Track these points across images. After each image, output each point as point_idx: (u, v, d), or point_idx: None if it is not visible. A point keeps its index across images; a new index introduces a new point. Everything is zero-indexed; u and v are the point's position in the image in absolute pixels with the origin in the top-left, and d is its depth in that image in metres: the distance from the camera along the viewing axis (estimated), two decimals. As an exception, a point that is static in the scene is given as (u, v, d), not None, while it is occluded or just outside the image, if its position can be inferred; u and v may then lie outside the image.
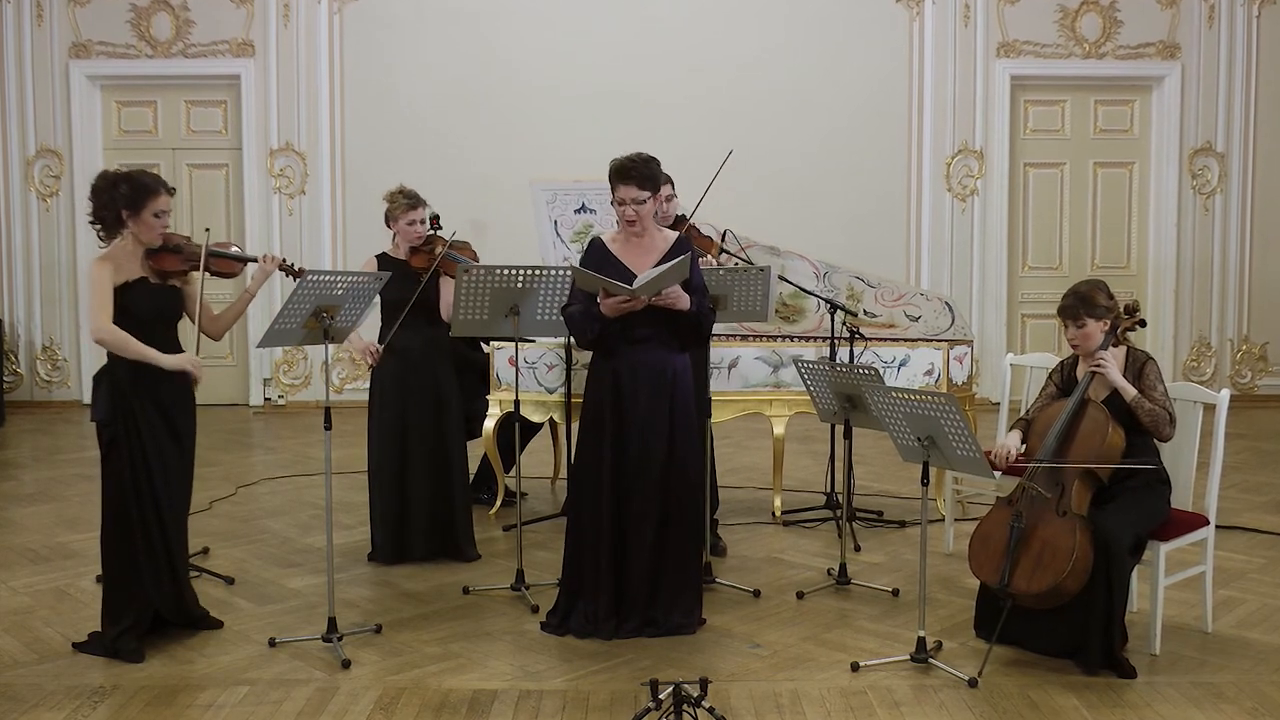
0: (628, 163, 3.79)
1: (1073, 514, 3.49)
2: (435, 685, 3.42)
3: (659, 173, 3.86)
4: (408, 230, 4.68)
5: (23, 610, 4.13)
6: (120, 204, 3.62)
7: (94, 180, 3.71)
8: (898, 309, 5.64)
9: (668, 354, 3.81)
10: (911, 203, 8.90)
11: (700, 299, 3.84)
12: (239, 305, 3.91)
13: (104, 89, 8.87)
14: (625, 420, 3.77)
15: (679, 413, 3.81)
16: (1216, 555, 3.99)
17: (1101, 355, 3.63)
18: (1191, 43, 8.87)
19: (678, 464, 3.81)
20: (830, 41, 8.79)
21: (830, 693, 3.36)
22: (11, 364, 8.89)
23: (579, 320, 3.80)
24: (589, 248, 3.93)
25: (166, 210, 3.67)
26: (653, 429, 3.77)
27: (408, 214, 4.67)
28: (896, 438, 3.62)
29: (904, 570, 4.56)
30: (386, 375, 4.66)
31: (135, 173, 3.70)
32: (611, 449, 3.77)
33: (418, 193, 4.76)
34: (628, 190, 3.78)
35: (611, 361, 3.81)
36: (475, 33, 8.73)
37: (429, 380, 4.66)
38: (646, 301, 3.69)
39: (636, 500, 3.77)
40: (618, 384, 3.78)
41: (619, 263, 3.83)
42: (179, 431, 3.72)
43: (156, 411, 3.65)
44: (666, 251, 3.85)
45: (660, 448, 3.78)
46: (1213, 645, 3.74)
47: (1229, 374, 9.08)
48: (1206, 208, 9.02)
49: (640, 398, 3.77)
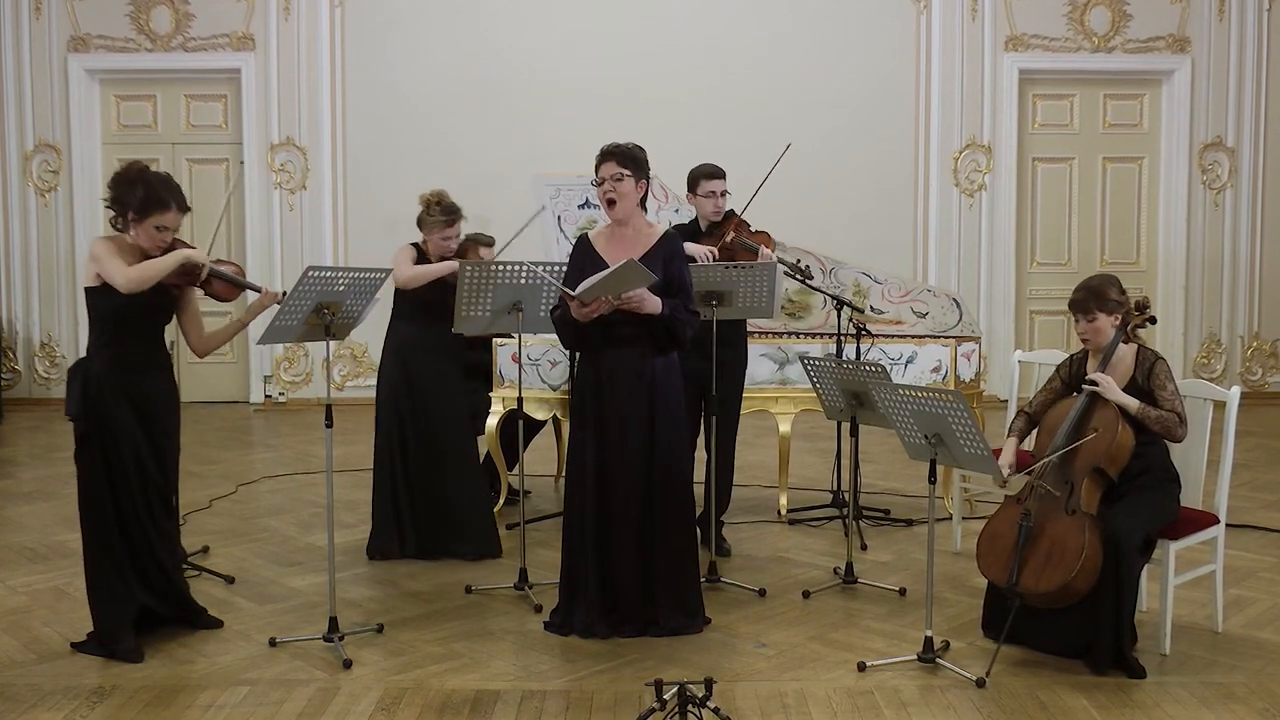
0: (610, 145, 3.78)
1: (1082, 512, 3.47)
2: (437, 685, 3.40)
3: (641, 156, 3.79)
4: (441, 245, 4.68)
5: (20, 610, 4.11)
6: (130, 205, 3.58)
7: (122, 168, 3.64)
8: (905, 305, 5.62)
9: (646, 356, 3.75)
10: (919, 198, 8.85)
11: (683, 300, 3.76)
12: (230, 330, 3.85)
13: (103, 83, 8.84)
14: (605, 422, 3.75)
15: (661, 414, 3.77)
16: (1227, 554, 3.97)
17: (1098, 376, 3.59)
18: (1202, 36, 8.82)
19: (661, 465, 3.77)
20: (837, 35, 8.74)
21: (836, 693, 3.34)
22: (9, 361, 8.88)
23: (559, 324, 3.81)
24: (575, 245, 3.90)
25: (169, 226, 3.60)
26: (632, 431, 3.74)
27: (444, 230, 4.65)
28: (903, 435, 3.59)
29: (911, 569, 4.54)
30: (392, 371, 4.63)
31: (157, 181, 3.61)
32: (594, 450, 3.76)
33: (457, 207, 4.69)
34: (606, 168, 3.74)
35: (593, 363, 3.79)
36: (477, 26, 8.70)
37: (434, 376, 4.64)
38: (612, 304, 3.60)
39: (619, 502, 3.76)
40: (598, 385, 3.77)
41: (600, 259, 3.78)
42: (156, 426, 3.66)
43: (130, 407, 3.60)
44: (650, 247, 3.78)
45: (640, 449, 3.75)
46: (1223, 645, 3.72)
47: (1239, 371, 9.04)
48: (1216, 203, 8.97)
49: (619, 399, 3.74)
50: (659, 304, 3.67)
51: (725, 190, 4.74)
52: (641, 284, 3.59)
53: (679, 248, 3.84)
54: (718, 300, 4.34)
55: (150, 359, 3.67)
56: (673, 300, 3.72)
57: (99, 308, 3.59)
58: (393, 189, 8.44)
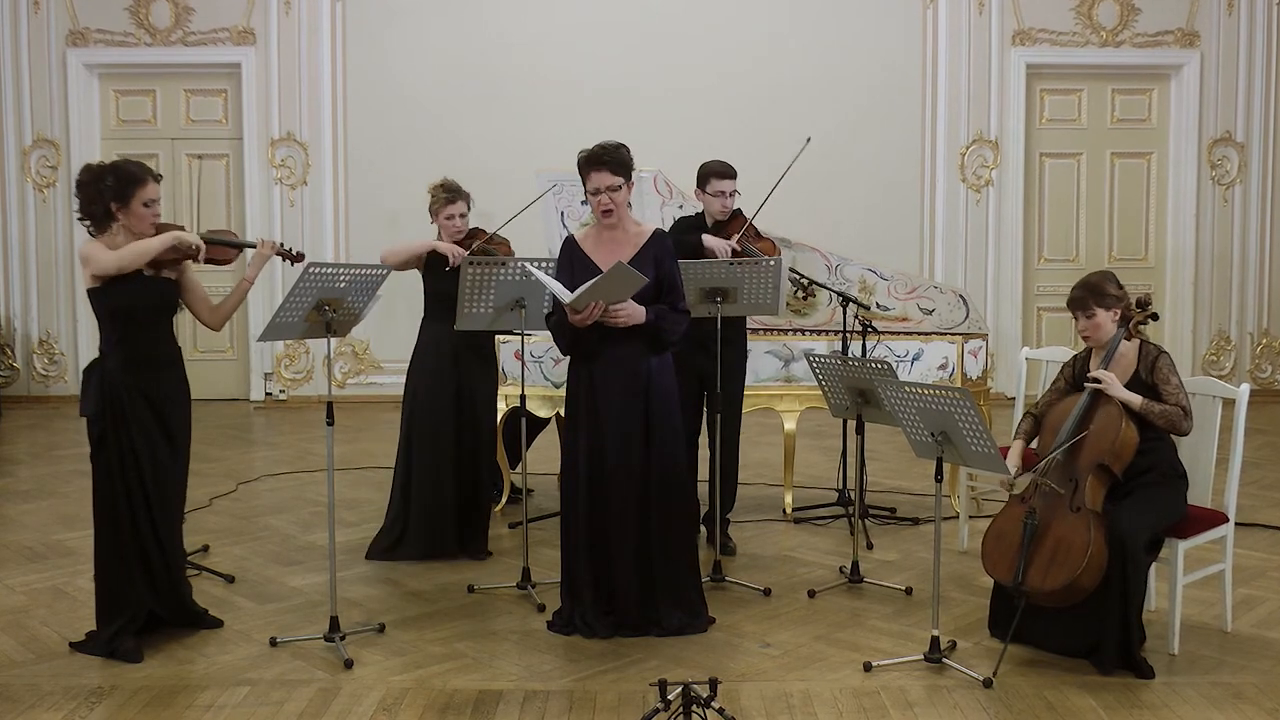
0: (597, 149, 3.70)
1: (1087, 510, 3.46)
2: (440, 685, 3.38)
3: (629, 159, 3.74)
4: (447, 225, 4.67)
5: (19, 609, 4.09)
6: (108, 197, 3.56)
7: (78, 175, 3.65)
8: (911, 302, 5.60)
9: (641, 354, 3.73)
10: (925, 194, 8.81)
11: (674, 299, 3.74)
12: (238, 293, 3.85)
13: (102, 78, 8.81)
14: (600, 420, 3.72)
15: (656, 413, 3.74)
16: (1236, 553, 3.96)
17: (1101, 373, 3.57)
18: (1211, 30, 8.76)
19: (657, 464, 3.74)
20: (843, 29, 8.70)
21: (842, 693, 3.32)
22: (8, 358, 8.85)
23: (555, 330, 3.78)
24: (561, 247, 3.85)
25: (156, 198, 3.63)
26: (627, 429, 3.71)
27: (446, 208, 4.66)
28: (910, 433, 3.57)
29: (917, 568, 4.52)
30: (420, 369, 4.64)
31: (120, 163, 3.65)
32: (587, 448, 3.74)
33: (458, 185, 4.72)
34: (600, 177, 3.68)
35: (586, 361, 3.76)
36: (479, 20, 8.67)
37: (464, 375, 4.63)
38: (602, 309, 3.58)
39: (615, 501, 3.73)
40: (592, 383, 3.74)
41: (588, 261, 3.74)
42: (171, 427, 3.67)
43: (147, 407, 3.61)
44: (641, 246, 3.74)
45: (636, 448, 3.72)
46: (1232, 645, 3.70)
47: (1249, 368, 9.00)
48: (1226, 199, 8.91)
49: (613, 397, 3.71)
50: (643, 314, 3.64)
51: (735, 190, 4.71)
52: (633, 287, 3.57)
53: (669, 246, 3.81)
54: (722, 297, 4.31)
55: (162, 353, 3.68)
56: (658, 305, 3.70)
57: (104, 307, 3.58)
58: (394, 185, 8.42)
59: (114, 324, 3.58)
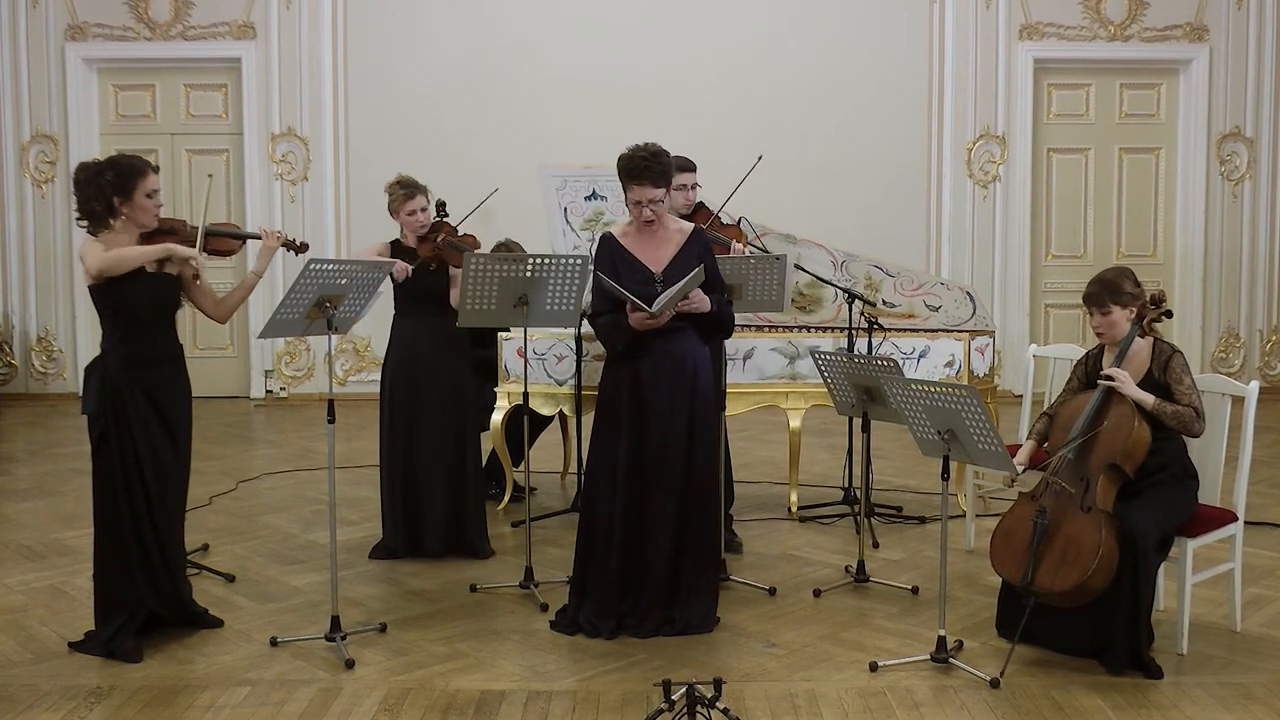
0: (640, 161, 3.67)
1: (1098, 509, 3.44)
2: (442, 686, 3.37)
3: (670, 165, 3.77)
4: (409, 221, 4.61)
5: (18, 609, 4.08)
6: (109, 191, 3.54)
7: (75, 173, 3.64)
8: (917, 299, 5.58)
9: (691, 344, 3.75)
10: (932, 189, 8.77)
11: (719, 296, 3.80)
12: (246, 286, 3.84)
13: (101, 72, 8.78)
14: (644, 414, 3.70)
15: (700, 407, 3.75)
16: (1245, 552, 3.92)
17: (1114, 371, 3.54)
18: (1220, 25, 8.71)
19: (698, 460, 3.75)
20: (848, 24, 8.66)
21: (848, 693, 3.31)
22: (6, 356, 8.83)
23: (608, 331, 3.75)
24: (600, 246, 3.85)
25: (157, 189, 3.62)
26: (673, 423, 3.71)
27: (405, 204, 4.59)
28: (916, 431, 3.55)
29: (924, 567, 4.50)
30: (395, 367, 4.60)
31: (117, 158, 3.63)
32: (629, 444, 3.71)
33: (415, 180, 4.66)
34: (643, 190, 3.70)
35: (632, 358, 3.73)
36: (481, 14, 8.63)
37: (438, 371, 4.58)
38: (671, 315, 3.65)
39: (656, 499, 3.71)
40: (637, 375, 3.71)
41: (633, 259, 3.76)
42: (172, 426, 3.66)
43: (149, 405, 3.59)
44: (683, 244, 3.78)
45: (681, 443, 3.72)
46: (1241, 644, 3.69)
47: (1258, 365, 8.96)
48: (1235, 194, 8.87)
49: (661, 390, 3.70)
50: (709, 303, 3.71)
51: (696, 183, 4.75)
52: (697, 283, 3.65)
53: (708, 242, 3.86)
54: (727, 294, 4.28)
55: (163, 350, 3.66)
56: (715, 295, 3.77)
57: (105, 305, 3.56)
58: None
59: (115, 321, 3.57)
